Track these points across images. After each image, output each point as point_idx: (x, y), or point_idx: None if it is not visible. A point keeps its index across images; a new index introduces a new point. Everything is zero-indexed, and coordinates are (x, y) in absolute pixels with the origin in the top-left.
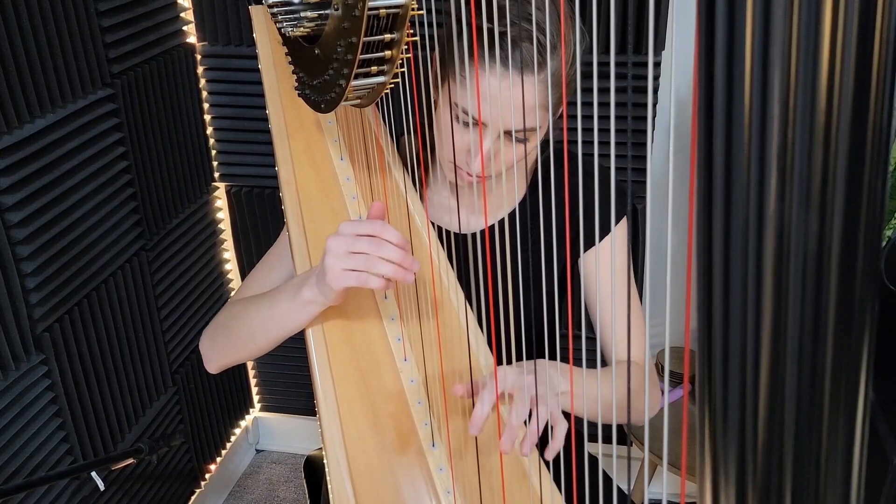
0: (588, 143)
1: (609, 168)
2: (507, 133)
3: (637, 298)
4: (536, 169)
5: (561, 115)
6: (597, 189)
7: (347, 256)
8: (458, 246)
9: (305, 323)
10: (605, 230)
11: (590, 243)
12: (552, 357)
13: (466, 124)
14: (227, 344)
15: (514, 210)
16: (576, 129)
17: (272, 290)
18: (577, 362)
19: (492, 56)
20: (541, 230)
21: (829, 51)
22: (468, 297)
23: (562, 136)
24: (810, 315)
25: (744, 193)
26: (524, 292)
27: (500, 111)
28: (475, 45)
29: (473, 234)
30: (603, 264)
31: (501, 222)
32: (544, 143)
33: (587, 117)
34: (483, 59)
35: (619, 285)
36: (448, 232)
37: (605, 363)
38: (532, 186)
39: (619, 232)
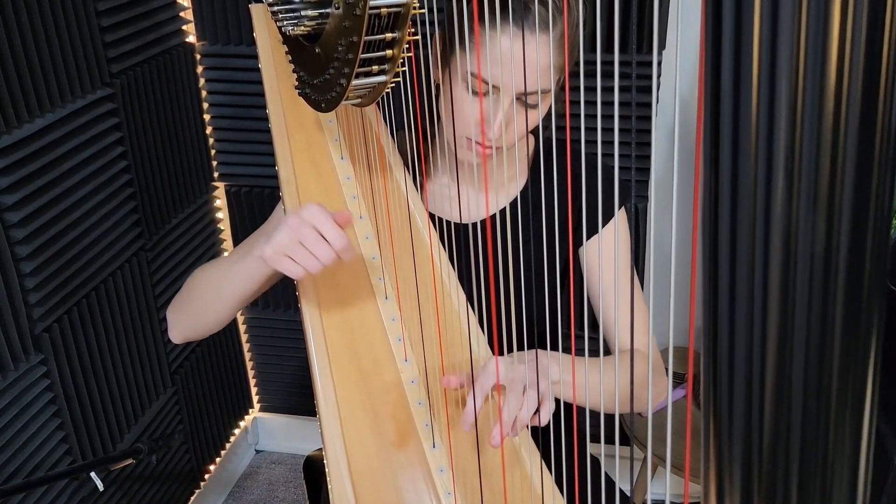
0: (591, 142)
1: (611, 161)
2: (519, 99)
3: (639, 287)
4: (537, 157)
5: (563, 88)
6: (600, 178)
7: (295, 245)
8: (458, 237)
9: (256, 279)
10: (608, 216)
11: (592, 231)
12: (553, 348)
13: (478, 94)
14: (188, 307)
15: (516, 199)
16: (578, 129)
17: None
18: (580, 353)
19: (504, 18)
20: (542, 218)
21: (838, 52)
22: (469, 289)
23: (561, 128)
24: (817, 318)
25: (751, 196)
26: (525, 282)
27: (513, 73)
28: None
29: (474, 224)
30: (605, 251)
31: (503, 211)
32: (545, 131)
33: (590, 116)
34: (495, 21)
35: (622, 272)
36: (448, 223)
37: (608, 352)
38: (533, 174)
39: (621, 219)
